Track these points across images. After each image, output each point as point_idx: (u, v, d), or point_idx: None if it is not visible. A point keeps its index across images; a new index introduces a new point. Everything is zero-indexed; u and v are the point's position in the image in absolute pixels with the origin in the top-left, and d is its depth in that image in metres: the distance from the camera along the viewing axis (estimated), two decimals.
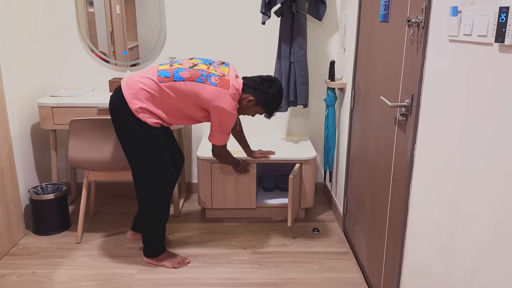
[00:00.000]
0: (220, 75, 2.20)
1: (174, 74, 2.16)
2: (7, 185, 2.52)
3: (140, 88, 2.15)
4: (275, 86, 2.32)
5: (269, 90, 2.29)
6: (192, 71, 2.17)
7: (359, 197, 2.41)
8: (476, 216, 1.19)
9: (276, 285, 2.24)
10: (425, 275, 1.53)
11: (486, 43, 1.14)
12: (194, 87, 2.15)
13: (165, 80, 2.15)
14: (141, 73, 2.23)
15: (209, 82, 2.15)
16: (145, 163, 2.24)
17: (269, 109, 2.37)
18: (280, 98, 2.36)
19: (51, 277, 2.30)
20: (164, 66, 2.22)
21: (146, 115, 2.16)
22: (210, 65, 2.24)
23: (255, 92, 2.29)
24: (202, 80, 2.15)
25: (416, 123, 1.60)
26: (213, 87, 2.15)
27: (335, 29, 3.08)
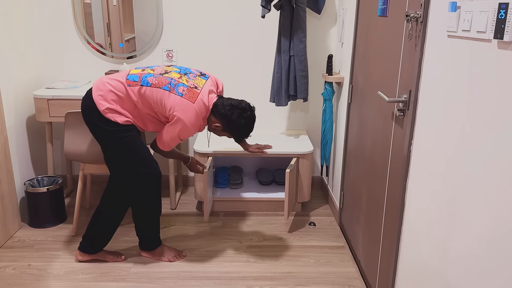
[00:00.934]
0: (191, 86, 2.12)
1: (143, 79, 2.12)
2: (3, 177, 2.51)
3: (108, 90, 2.12)
4: (246, 116, 2.18)
5: (239, 120, 2.17)
6: (161, 78, 2.12)
7: (355, 191, 2.41)
8: (473, 212, 1.19)
9: (272, 279, 2.25)
10: (420, 270, 1.54)
11: (485, 39, 1.13)
12: (159, 94, 2.09)
13: (133, 84, 2.11)
14: (112, 75, 2.20)
15: (176, 91, 2.08)
16: (122, 163, 2.19)
17: (236, 137, 2.30)
18: (250, 127, 2.24)
19: (46, 270, 2.29)
20: (135, 71, 2.19)
21: (115, 114, 2.12)
22: (184, 75, 2.17)
23: (223, 119, 2.17)
24: (169, 88, 2.09)
25: (413, 118, 1.59)
26: (178, 97, 2.07)
27: (333, 23, 3.07)
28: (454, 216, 1.30)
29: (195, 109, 2.09)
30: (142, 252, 2.42)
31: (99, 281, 2.21)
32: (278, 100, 2.92)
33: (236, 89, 3.19)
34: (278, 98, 2.91)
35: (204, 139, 2.96)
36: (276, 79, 2.90)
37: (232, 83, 3.18)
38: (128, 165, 2.19)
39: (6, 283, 2.18)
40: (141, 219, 2.32)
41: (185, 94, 2.09)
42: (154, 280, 2.23)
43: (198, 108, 2.10)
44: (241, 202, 2.97)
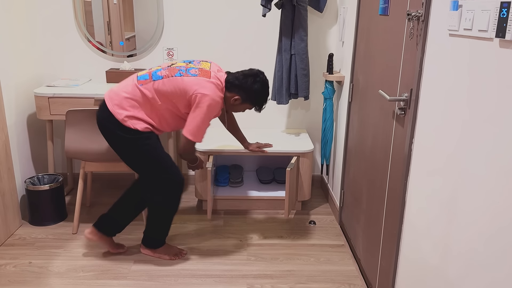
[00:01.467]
0: (199, 67, 2.17)
1: (153, 75, 2.15)
2: (3, 175, 2.51)
3: (123, 98, 2.13)
4: (259, 79, 2.23)
5: (253, 86, 2.21)
6: (170, 68, 2.16)
7: (356, 190, 2.41)
8: (473, 210, 1.20)
9: (272, 277, 2.25)
10: (421, 269, 1.54)
11: (487, 38, 1.14)
12: (173, 83, 2.10)
13: (145, 82, 2.13)
14: (121, 83, 2.21)
15: (189, 74, 2.12)
16: (144, 169, 2.23)
17: (257, 104, 2.30)
18: (266, 91, 2.28)
19: (47, 268, 2.30)
20: (143, 71, 2.22)
21: (134, 121, 2.13)
22: (189, 63, 2.21)
23: (240, 90, 2.21)
24: (181, 73, 2.12)
25: (414, 117, 1.60)
26: (193, 77, 2.10)
27: (334, 22, 3.07)
28: (454, 214, 1.30)
29: (213, 83, 2.12)
30: (144, 249, 2.43)
31: (100, 279, 2.21)
32: (279, 98, 2.92)
33: None
34: (279, 97, 2.92)
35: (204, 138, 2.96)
36: (277, 78, 2.90)
37: None
38: (150, 172, 2.22)
39: (7, 280, 2.19)
40: (155, 221, 2.34)
41: (199, 74, 2.12)
42: (155, 278, 2.23)
43: (215, 83, 2.13)
44: (242, 200, 2.97)
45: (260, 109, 2.34)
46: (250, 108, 2.33)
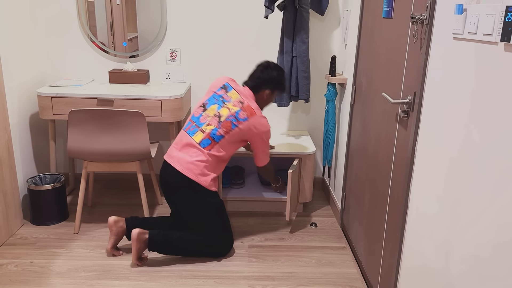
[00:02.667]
0: (240, 106, 2.36)
1: (213, 137, 2.34)
2: (5, 174, 2.51)
3: (203, 166, 2.33)
4: (272, 66, 2.51)
5: (273, 73, 2.48)
6: (224, 124, 2.34)
7: (357, 192, 2.41)
8: (477, 213, 1.20)
9: (274, 279, 2.25)
10: (423, 271, 1.54)
11: (492, 41, 1.14)
12: (234, 136, 2.36)
13: (211, 147, 2.34)
14: (186, 151, 2.35)
15: (241, 121, 2.35)
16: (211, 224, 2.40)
17: (283, 87, 2.57)
18: (283, 71, 2.55)
19: (49, 267, 2.30)
20: (198, 136, 2.35)
21: (214, 184, 2.39)
22: (224, 103, 2.38)
23: (265, 85, 2.47)
24: (235, 124, 2.34)
25: (418, 120, 1.60)
26: (246, 122, 2.35)
27: (336, 24, 3.08)
28: (457, 217, 1.30)
29: (258, 114, 2.38)
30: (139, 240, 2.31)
31: (101, 279, 2.21)
32: (280, 100, 2.92)
33: None
34: (280, 99, 2.92)
35: None
36: None
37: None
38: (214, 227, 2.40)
39: (9, 280, 2.19)
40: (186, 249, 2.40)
41: (248, 115, 2.36)
42: (156, 278, 2.23)
43: (259, 112, 2.39)
44: (243, 202, 2.97)
45: (284, 90, 2.63)
46: (276, 93, 2.59)
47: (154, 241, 2.32)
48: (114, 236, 2.39)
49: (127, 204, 3.05)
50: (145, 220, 2.47)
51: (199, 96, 3.23)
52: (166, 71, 3.18)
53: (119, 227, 2.40)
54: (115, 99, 2.75)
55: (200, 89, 3.21)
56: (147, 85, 3.04)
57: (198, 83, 3.20)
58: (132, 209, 2.98)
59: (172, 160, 2.35)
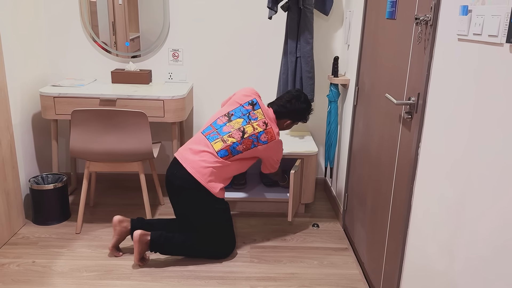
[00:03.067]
0: (263, 128, 2.40)
1: (232, 150, 2.35)
2: (8, 174, 2.51)
3: (215, 174, 2.33)
4: (302, 99, 2.55)
5: (301, 106, 2.53)
6: (245, 141, 2.36)
7: (360, 193, 2.41)
8: (481, 215, 1.20)
9: (275, 280, 2.25)
10: (427, 273, 1.54)
11: (497, 43, 1.14)
12: (251, 153, 2.39)
13: (226, 158, 2.35)
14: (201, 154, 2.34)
15: (261, 142, 2.38)
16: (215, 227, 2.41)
17: (305, 119, 2.62)
18: (310, 105, 2.60)
19: (50, 267, 2.30)
20: (218, 144, 2.34)
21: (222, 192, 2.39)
22: (250, 121, 2.40)
23: (289, 114, 2.53)
24: (255, 144, 2.37)
25: (421, 121, 1.60)
26: (265, 146, 2.39)
27: (339, 25, 3.07)
28: (461, 218, 1.30)
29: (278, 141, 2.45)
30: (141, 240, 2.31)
31: (103, 279, 2.21)
32: None
33: None
34: None
35: None
36: (282, 80, 2.90)
37: (238, 84, 3.19)
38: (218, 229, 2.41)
39: (11, 279, 2.19)
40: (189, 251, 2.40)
41: (268, 139, 2.39)
42: (158, 279, 2.23)
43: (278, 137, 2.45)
44: (245, 202, 2.97)
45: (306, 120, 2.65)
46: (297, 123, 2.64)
47: (156, 243, 2.32)
48: (117, 235, 2.39)
49: (129, 204, 3.05)
50: (149, 223, 2.46)
51: (201, 96, 3.22)
52: (168, 71, 3.18)
53: (123, 227, 2.40)
54: (118, 99, 2.75)
55: (203, 90, 3.21)
56: (149, 85, 3.04)
57: (200, 84, 3.20)
58: (134, 209, 2.98)
59: (186, 161, 2.32)
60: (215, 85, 3.20)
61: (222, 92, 3.21)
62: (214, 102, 3.23)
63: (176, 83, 3.16)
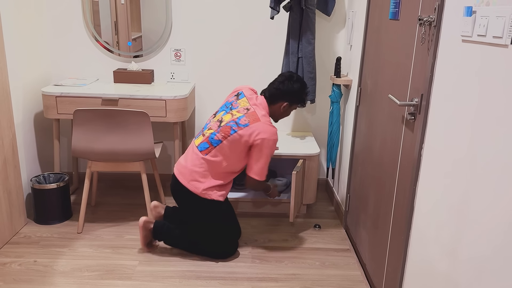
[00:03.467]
0: (244, 112, 2.28)
1: (211, 141, 2.29)
2: (10, 173, 2.51)
3: (194, 171, 2.31)
4: (296, 79, 2.40)
5: (294, 86, 2.39)
6: (223, 128, 2.28)
7: (362, 195, 2.40)
8: (484, 216, 1.19)
9: (277, 281, 2.25)
10: (429, 275, 1.53)
11: (501, 44, 1.13)
12: (233, 142, 2.26)
13: (208, 151, 2.29)
14: (186, 156, 2.37)
15: (241, 126, 2.25)
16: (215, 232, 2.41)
17: (303, 101, 2.48)
18: (305, 85, 2.45)
19: (52, 267, 2.30)
20: (198, 139, 2.36)
21: (210, 192, 2.32)
22: (231, 110, 2.33)
23: (284, 96, 2.38)
24: (234, 129, 2.25)
25: (424, 122, 1.59)
26: (246, 128, 2.24)
27: (342, 25, 3.07)
28: (464, 219, 1.29)
29: (263, 122, 2.26)
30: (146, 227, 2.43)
31: (104, 279, 2.21)
32: None
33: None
34: None
35: None
36: None
37: (238, 83, 3.18)
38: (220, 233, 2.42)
39: (12, 278, 2.19)
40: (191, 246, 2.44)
41: (249, 121, 2.25)
42: (160, 279, 2.23)
43: (265, 119, 2.27)
44: (246, 203, 2.97)
45: (304, 104, 2.52)
46: (296, 108, 2.51)
47: (157, 232, 2.42)
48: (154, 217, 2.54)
49: (130, 204, 3.05)
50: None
51: (203, 96, 3.22)
52: (170, 71, 3.18)
53: (157, 212, 2.54)
54: (120, 99, 2.75)
55: (205, 90, 3.21)
56: (151, 85, 3.04)
57: (202, 83, 3.20)
58: (135, 209, 2.98)
59: (177, 169, 2.38)
60: (217, 85, 3.19)
61: (224, 92, 3.20)
62: (216, 102, 3.23)
63: (178, 83, 3.16)
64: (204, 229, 2.40)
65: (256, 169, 2.30)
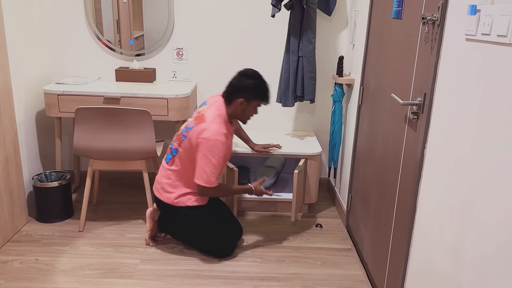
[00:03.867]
0: (194, 117, 2.33)
1: (172, 151, 2.37)
2: (11, 171, 2.51)
3: (165, 183, 2.38)
4: (250, 74, 2.31)
5: (249, 81, 2.29)
6: (177, 136, 2.37)
7: (364, 194, 2.40)
8: (487, 216, 1.18)
9: (278, 280, 2.24)
10: (431, 275, 1.53)
11: (506, 43, 1.12)
12: (186, 148, 2.29)
13: (172, 161, 2.36)
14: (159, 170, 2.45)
15: (189, 129, 2.28)
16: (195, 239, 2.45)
17: (261, 97, 2.33)
18: (263, 80, 2.32)
19: (53, 265, 2.29)
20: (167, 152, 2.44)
21: (184, 199, 2.35)
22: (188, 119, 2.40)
23: (239, 92, 2.29)
24: (184, 135, 2.30)
25: (427, 122, 1.58)
26: (193, 129, 2.25)
27: (344, 24, 3.06)
28: (467, 220, 1.29)
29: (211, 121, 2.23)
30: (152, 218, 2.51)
31: (106, 278, 2.20)
32: (285, 100, 2.90)
33: None
34: (285, 99, 2.90)
35: None
36: (283, 79, 2.89)
37: None
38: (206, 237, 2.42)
39: (13, 277, 2.19)
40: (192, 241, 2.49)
41: (195, 123, 2.26)
42: (161, 278, 2.22)
43: (215, 119, 2.24)
44: (248, 201, 2.96)
45: (267, 101, 2.36)
46: (259, 105, 2.37)
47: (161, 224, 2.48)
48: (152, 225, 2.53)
49: (132, 203, 3.05)
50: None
51: (205, 95, 3.22)
52: (172, 69, 3.17)
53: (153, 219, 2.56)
54: (122, 97, 2.74)
55: (206, 88, 3.20)
56: (153, 84, 3.03)
57: (204, 82, 3.19)
58: (137, 207, 2.98)
59: (154, 185, 2.47)
60: (219, 83, 3.19)
61: None
62: None
63: (180, 81, 3.15)
64: (195, 235, 2.42)
65: (199, 174, 2.22)
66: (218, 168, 2.24)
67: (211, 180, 2.24)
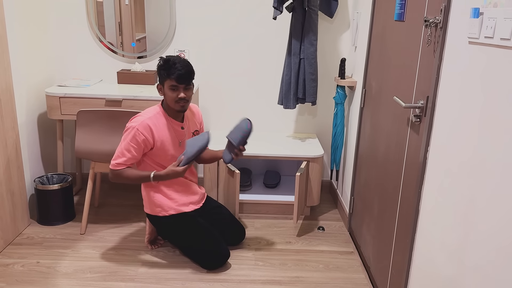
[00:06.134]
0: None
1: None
2: (13, 174, 2.51)
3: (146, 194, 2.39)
4: (160, 58, 2.24)
5: (158, 65, 2.24)
6: None
7: (366, 197, 2.39)
8: (490, 220, 1.17)
9: (280, 283, 2.23)
10: (434, 279, 1.52)
11: (509, 46, 1.12)
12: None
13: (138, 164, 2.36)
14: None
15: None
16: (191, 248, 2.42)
17: (167, 74, 2.19)
18: (166, 59, 2.21)
19: (55, 268, 2.29)
20: None
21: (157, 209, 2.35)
22: None
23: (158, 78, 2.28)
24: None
25: (430, 124, 1.57)
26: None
27: (346, 27, 3.05)
28: (470, 223, 1.28)
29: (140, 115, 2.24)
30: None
31: (107, 281, 2.20)
32: (286, 102, 2.90)
33: (245, 90, 3.18)
34: (286, 101, 2.89)
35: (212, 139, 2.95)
36: (285, 82, 2.88)
37: (241, 84, 3.17)
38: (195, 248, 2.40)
39: (15, 280, 2.18)
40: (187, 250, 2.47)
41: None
42: (162, 281, 2.22)
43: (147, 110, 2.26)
44: (250, 204, 2.95)
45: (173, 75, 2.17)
46: (173, 84, 2.19)
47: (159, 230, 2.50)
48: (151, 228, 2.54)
49: (133, 205, 3.04)
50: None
51: (206, 97, 3.21)
52: None
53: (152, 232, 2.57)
54: (123, 100, 2.74)
55: (208, 91, 3.20)
56: (155, 86, 3.03)
57: (206, 85, 3.19)
58: (138, 210, 2.97)
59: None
60: (221, 86, 3.18)
61: (227, 93, 3.19)
62: (219, 103, 3.22)
63: None
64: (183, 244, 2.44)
65: (116, 154, 2.22)
66: (127, 155, 2.18)
67: (114, 162, 2.19)
